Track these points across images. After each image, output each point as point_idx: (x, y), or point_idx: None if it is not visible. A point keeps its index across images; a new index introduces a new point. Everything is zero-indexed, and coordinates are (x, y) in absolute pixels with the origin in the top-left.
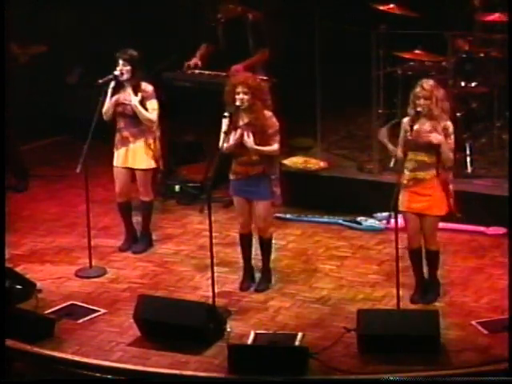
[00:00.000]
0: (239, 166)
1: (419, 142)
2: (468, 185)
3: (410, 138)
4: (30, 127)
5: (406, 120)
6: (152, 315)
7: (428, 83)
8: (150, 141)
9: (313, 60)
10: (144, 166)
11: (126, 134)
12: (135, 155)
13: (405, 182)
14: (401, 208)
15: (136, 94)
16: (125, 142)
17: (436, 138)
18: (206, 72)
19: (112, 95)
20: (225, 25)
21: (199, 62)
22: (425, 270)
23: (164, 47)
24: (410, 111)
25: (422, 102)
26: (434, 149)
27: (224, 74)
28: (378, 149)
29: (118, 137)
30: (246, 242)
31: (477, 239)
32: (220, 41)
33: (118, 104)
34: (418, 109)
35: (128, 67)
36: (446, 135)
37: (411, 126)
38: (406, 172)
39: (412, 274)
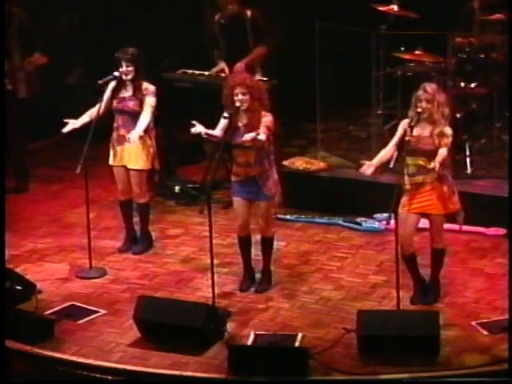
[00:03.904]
0: (238, 168)
1: (417, 147)
2: (468, 186)
3: (409, 139)
4: (30, 128)
5: (405, 121)
6: (152, 316)
7: (431, 86)
8: (147, 140)
9: (313, 60)
10: (139, 167)
11: (123, 132)
12: (131, 155)
13: (406, 187)
14: (400, 211)
15: (137, 93)
16: (121, 140)
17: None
18: (206, 72)
19: (112, 96)
20: (224, 24)
21: (226, 68)
22: (425, 270)
23: (164, 47)
24: (411, 113)
25: (423, 104)
26: (431, 154)
27: (224, 74)
28: (377, 149)
29: (114, 135)
30: (245, 244)
31: (477, 240)
32: (220, 40)
33: (117, 101)
34: (418, 110)
35: (131, 67)
36: (443, 136)
37: (411, 128)
38: (406, 178)
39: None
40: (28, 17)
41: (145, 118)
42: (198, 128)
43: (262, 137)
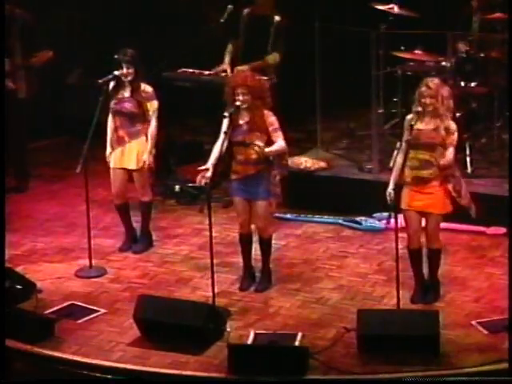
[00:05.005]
0: (238, 166)
1: (420, 141)
2: (468, 185)
3: (409, 137)
4: (30, 127)
5: (408, 117)
6: (152, 315)
7: (433, 82)
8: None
9: (313, 60)
10: (140, 166)
11: (121, 133)
12: (131, 155)
13: (407, 180)
14: (402, 206)
15: (135, 95)
16: (120, 141)
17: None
18: (206, 72)
19: (112, 95)
20: (250, 20)
21: (228, 69)
22: (425, 269)
23: (164, 47)
24: (415, 110)
25: (427, 100)
26: (435, 147)
27: (224, 74)
28: (377, 149)
29: (114, 137)
30: (245, 242)
31: (477, 239)
32: (241, 35)
33: (115, 102)
34: (418, 108)
35: (131, 69)
36: (448, 133)
37: (411, 126)
38: (408, 170)
39: (412, 274)
40: (32, 17)
41: (153, 130)
42: (206, 175)
43: (281, 144)
